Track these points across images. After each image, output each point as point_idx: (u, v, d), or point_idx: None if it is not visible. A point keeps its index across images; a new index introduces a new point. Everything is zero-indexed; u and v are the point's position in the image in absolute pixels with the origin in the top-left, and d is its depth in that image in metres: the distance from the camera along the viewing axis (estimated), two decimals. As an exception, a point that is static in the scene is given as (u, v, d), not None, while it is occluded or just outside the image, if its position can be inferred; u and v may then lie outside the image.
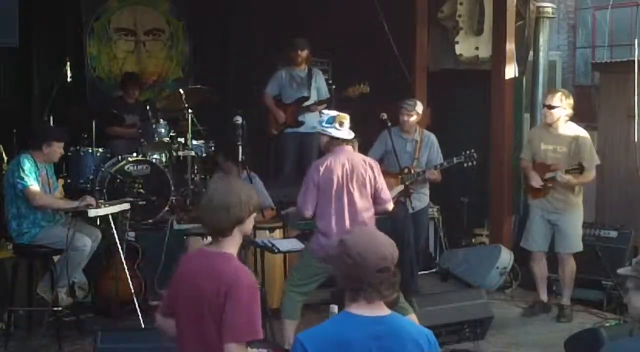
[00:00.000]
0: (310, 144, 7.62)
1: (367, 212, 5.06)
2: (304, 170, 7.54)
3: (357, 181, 5.01)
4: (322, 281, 5.08)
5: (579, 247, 6.20)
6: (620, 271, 2.82)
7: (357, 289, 2.62)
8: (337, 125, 5.00)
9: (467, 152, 6.40)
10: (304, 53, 7.64)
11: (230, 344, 2.82)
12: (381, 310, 2.64)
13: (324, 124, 5.07)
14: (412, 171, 6.39)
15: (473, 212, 8.09)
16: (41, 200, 5.53)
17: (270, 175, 7.86)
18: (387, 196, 5.21)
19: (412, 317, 4.72)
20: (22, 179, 5.46)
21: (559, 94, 6.16)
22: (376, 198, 5.11)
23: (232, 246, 3.01)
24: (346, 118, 5.05)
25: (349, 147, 5.08)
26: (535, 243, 6.33)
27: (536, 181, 6.15)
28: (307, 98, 7.62)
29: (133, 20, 8.82)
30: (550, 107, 6.07)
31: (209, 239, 3.12)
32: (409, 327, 2.67)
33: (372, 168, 5.10)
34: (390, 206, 5.25)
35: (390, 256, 2.63)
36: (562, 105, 6.05)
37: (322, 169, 5.00)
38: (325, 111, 5.31)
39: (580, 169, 5.99)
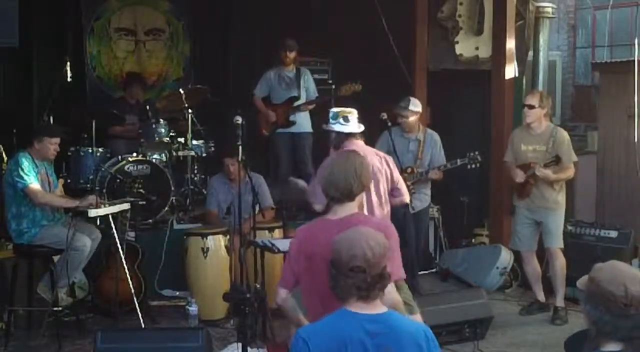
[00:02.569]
0: (302, 143, 7.64)
1: (382, 210, 4.91)
2: (297, 170, 7.55)
3: (373, 177, 4.95)
4: None
5: (562, 243, 6.23)
6: (579, 283, 2.59)
7: (338, 287, 2.65)
8: (341, 120, 4.89)
9: (471, 154, 6.35)
10: (292, 54, 7.65)
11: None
12: (377, 307, 2.66)
13: (329, 121, 5.01)
14: (415, 171, 6.39)
15: (473, 212, 8.09)
16: (43, 198, 5.54)
17: (265, 174, 7.85)
18: (404, 188, 5.10)
19: (417, 316, 4.69)
20: (22, 178, 5.46)
21: (538, 94, 6.30)
22: (393, 191, 4.99)
23: (355, 209, 3.45)
24: (351, 113, 4.94)
25: (359, 142, 4.92)
26: (522, 243, 6.36)
27: (519, 176, 6.15)
28: (297, 98, 7.62)
29: (133, 20, 8.83)
30: (531, 107, 6.13)
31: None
32: (405, 325, 2.67)
33: (387, 162, 4.99)
34: (407, 198, 5.15)
35: (362, 256, 2.61)
36: (541, 105, 6.11)
37: None
38: (333, 109, 5.18)
39: (556, 161, 6.02)
